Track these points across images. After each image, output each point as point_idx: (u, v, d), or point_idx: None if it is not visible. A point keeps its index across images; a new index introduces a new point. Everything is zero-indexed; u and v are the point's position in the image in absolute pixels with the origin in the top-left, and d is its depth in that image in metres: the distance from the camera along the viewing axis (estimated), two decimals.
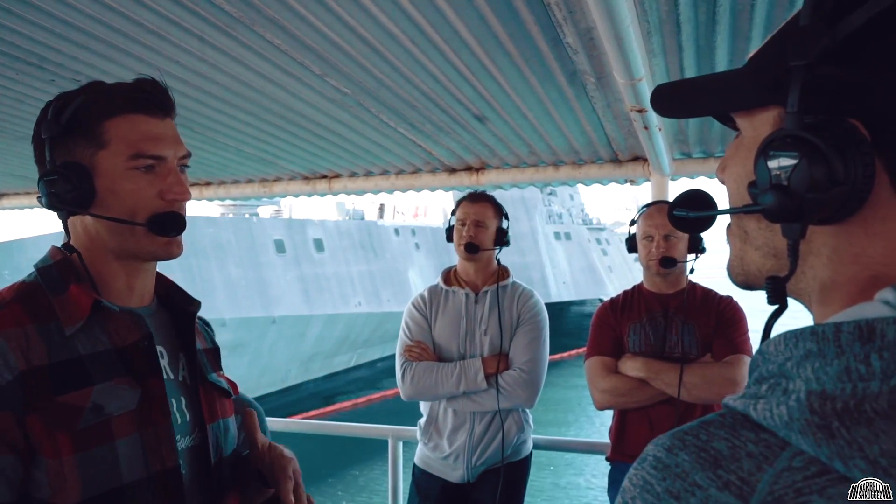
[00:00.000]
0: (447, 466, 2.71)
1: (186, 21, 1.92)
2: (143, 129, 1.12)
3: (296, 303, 21.92)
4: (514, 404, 2.64)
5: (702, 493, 0.46)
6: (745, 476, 0.45)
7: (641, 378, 2.45)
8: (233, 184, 4.33)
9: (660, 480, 0.49)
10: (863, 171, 0.49)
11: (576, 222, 42.48)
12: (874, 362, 0.44)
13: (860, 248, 0.52)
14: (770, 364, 0.51)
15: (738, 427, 0.49)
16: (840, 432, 0.43)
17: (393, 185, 3.93)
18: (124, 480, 1.05)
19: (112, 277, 1.16)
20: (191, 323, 1.26)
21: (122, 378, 1.08)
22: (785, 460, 0.45)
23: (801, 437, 0.44)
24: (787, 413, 0.46)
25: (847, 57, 0.50)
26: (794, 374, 0.48)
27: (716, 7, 1.83)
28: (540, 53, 2.16)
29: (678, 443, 0.50)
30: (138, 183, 1.12)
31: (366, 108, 2.73)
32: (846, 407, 0.43)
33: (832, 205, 0.50)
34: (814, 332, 0.48)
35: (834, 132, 0.49)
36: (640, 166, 3.41)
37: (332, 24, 1.94)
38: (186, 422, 1.19)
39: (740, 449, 0.47)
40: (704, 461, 0.47)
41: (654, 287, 2.63)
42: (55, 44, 2.07)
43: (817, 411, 0.44)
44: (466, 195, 2.83)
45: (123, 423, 1.06)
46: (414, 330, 2.75)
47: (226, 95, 2.57)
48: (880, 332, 0.45)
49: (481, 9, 1.85)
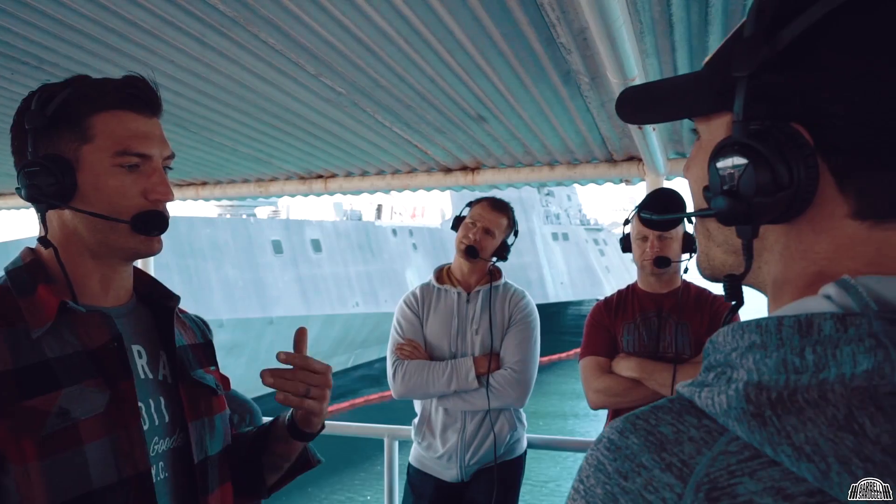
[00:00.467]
0: (441, 466, 2.72)
1: (181, 21, 1.93)
2: (131, 126, 1.11)
3: (293, 303, 21.91)
4: (505, 404, 2.64)
5: (647, 473, 0.49)
6: (686, 458, 0.49)
7: (635, 378, 2.46)
8: (229, 184, 4.33)
9: (611, 461, 0.52)
10: (806, 174, 0.52)
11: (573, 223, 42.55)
12: (808, 356, 0.47)
13: (808, 244, 0.55)
14: (718, 354, 0.54)
15: (683, 413, 0.52)
16: (772, 420, 0.46)
17: (389, 185, 3.94)
18: (94, 486, 1.02)
19: (86, 276, 1.14)
20: (170, 319, 1.23)
21: (92, 380, 1.05)
22: (722, 445, 0.48)
23: (737, 424, 0.48)
24: (727, 402, 0.49)
25: (787, 65, 0.52)
26: (738, 364, 0.51)
27: (708, 7, 1.84)
28: (534, 53, 2.16)
29: (630, 426, 0.53)
30: (122, 180, 1.10)
31: (361, 108, 2.74)
32: (780, 397, 0.46)
33: (779, 207, 0.53)
34: (758, 325, 0.51)
35: (777, 138, 0.52)
36: (634, 166, 3.42)
37: (327, 24, 1.95)
38: (166, 422, 1.15)
39: (683, 433, 0.50)
40: (651, 444, 0.51)
41: (648, 287, 2.64)
42: (50, 43, 2.07)
43: (753, 401, 0.47)
44: (488, 198, 2.79)
45: (92, 427, 1.03)
46: (406, 328, 2.75)
47: (221, 95, 2.58)
48: (818, 326, 0.48)
49: (475, 9, 1.86)
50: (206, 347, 1.36)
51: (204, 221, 20.79)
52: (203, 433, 1.21)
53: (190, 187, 4.40)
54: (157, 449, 1.13)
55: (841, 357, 0.46)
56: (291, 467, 1.36)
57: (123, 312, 1.18)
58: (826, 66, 0.51)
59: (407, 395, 2.69)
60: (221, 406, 1.31)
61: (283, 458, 1.33)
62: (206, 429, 1.22)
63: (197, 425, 1.19)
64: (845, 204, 0.53)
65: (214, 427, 1.25)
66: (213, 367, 1.35)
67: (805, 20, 0.51)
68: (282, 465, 1.34)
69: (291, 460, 1.34)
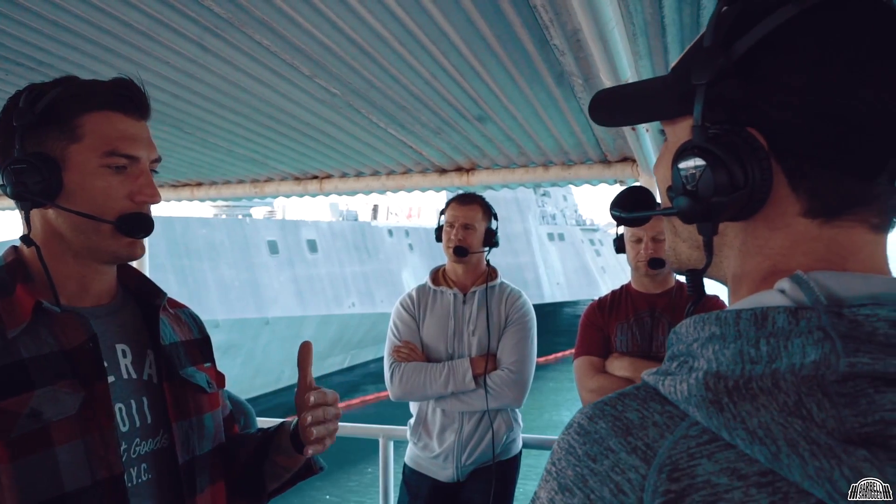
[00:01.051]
0: (436, 466, 2.72)
1: (175, 22, 1.93)
2: (120, 127, 1.11)
3: (289, 304, 21.91)
4: (502, 404, 2.65)
5: (613, 456, 0.53)
6: (650, 442, 0.52)
7: (628, 377, 2.47)
8: (224, 184, 4.33)
9: (581, 444, 0.56)
10: (760, 175, 0.55)
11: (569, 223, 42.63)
12: (762, 346, 0.51)
13: (763, 240, 0.59)
14: (681, 344, 0.58)
15: (648, 399, 0.56)
16: (728, 407, 0.49)
17: (384, 186, 3.94)
18: (66, 489, 1.00)
19: (67, 277, 1.12)
20: (156, 316, 1.21)
21: (66, 381, 1.04)
22: (683, 429, 0.52)
23: (697, 410, 0.51)
24: (688, 389, 0.52)
25: (742, 74, 0.56)
26: (699, 354, 0.55)
27: (699, 10, 1.85)
28: (528, 55, 2.17)
29: (598, 412, 0.57)
30: (109, 181, 1.09)
31: (355, 109, 2.74)
32: (736, 385, 0.50)
33: (735, 206, 0.57)
34: (717, 318, 0.55)
35: (733, 141, 0.56)
36: (628, 167, 3.43)
37: (321, 25, 1.96)
38: (149, 423, 1.14)
39: (648, 419, 0.54)
40: (618, 428, 0.54)
41: (641, 287, 2.65)
42: (45, 44, 2.07)
43: (711, 388, 0.50)
44: (455, 196, 2.85)
45: (63, 428, 1.01)
46: (402, 330, 2.76)
47: (216, 96, 2.58)
48: (772, 319, 0.52)
49: (468, 10, 1.86)
50: (201, 343, 1.34)
51: (200, 222, 20.78)
52: (190, 433, 1.19)
53: (185, 188, 4.40)
54: (139, 451, 1.11)
55: (792, 348, 0.50)
56: (296, 474, 1.35)
57: (106, 312, 1.17)
58: (776, 76, 0.55)
59: (405, 397, 2.70)
60: (213, 404, 1.29)
61: (285, 469, 1.31)
62: (194, 428, 1.20)
63: (183, 425, 1.17)
64: (797, 203, 0.57)
65: (203, 426, 1.23)
66: (207, 363, 1.33)
67: (756, 33, 0.55)
68: (283, 475, 1.33)
69: (294, 470, 1.32)
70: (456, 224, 2.72)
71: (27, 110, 1.07)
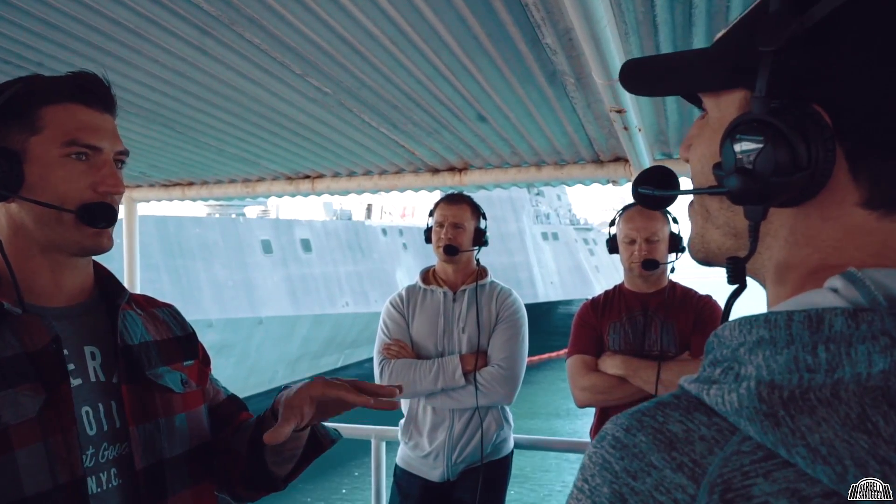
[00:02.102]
0: (427, 465, 2.72)
1: (165, 20, 1.92)
2: (80, 118, 1.10)
3: (283, 303, 21.86)
4: (493, 401, 2.65)
5: (657, 474, 0.48)
6: (698, 458, 0.47)
7: (620, 376, 2.47)
8: (216, 184, 4.31)
9: (618, 459, 0.50)
10: (824, 157, 0.51)
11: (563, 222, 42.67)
12: (820, 353, 0.46)
13: (815, 231, 0.54)
14: (724, 348, 0.53)
15: (692, 410, 0.51)
16: (785, 420, 0.45)
17: (376, 186, 3.93)
18: (26, 493, 0.98)
19: (36, 273, 1.11)
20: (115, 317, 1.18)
21: (28, 384, 1.02)
22: (734, 444, 0.47)
23: (750, 424, 0.46)
24: (738, 400, 0.47)
25: (814, 44, 0.51)
26: (746, 360, 0.50)
27: (692, 9, 1.85)
28: (519, 54, 2.17)
29: (636, 423, 0.51)
30: (70, 171, 1.08)
31: (347, 108, 2.73)
32: (792, 396, 0.45)
33: (795, 188, 0.52)
34: (767, 320, 0.50)
35: (798, 117, 0.51)
36: (621, 167, 3.43)
37: (311, 24, 1.95)
38: (116, 427, 1.12)
39: (694, 432, 0.49)
40: (660, 442, 0.49)
41: (634, 287, 2.65)
42: (33, 42, 2.06)
43: (766, 400, 0.46)
44: (443, 197, 2.85)
45: (23, 432, 0.99)
46: (392, 328, 2.76)
47: (207, 95, 2.57)
48: (828, 322, 0.47)
49: (460, 9, 1.86)
50: (182, 341, 1.31)
51: (193, 221, 20.71)
52: (155, 436, 1.16)
53: (176, 187, 4.38)
54: (108, 455, 1.09)
55: (856, 356, 0.45)
56: (304, 453, 1.30)
57: (78, 312, 1.15)
58: (853, 49, 0.50)
59: None
60: (190, 404, 1.25)
61: (290, 450, 1.26)
62: (162, 431, 1.17)
63: (147, 428, 1.14)
64: (856, 191, 0.52)
65: (173, 428, 1.19)
66: (189, 361, 1.30)
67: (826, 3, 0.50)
68: (293, 454, 1.28)
69: (301, 447, 1.28)
70: (445, 223, 2.73)
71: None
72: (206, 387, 1.34)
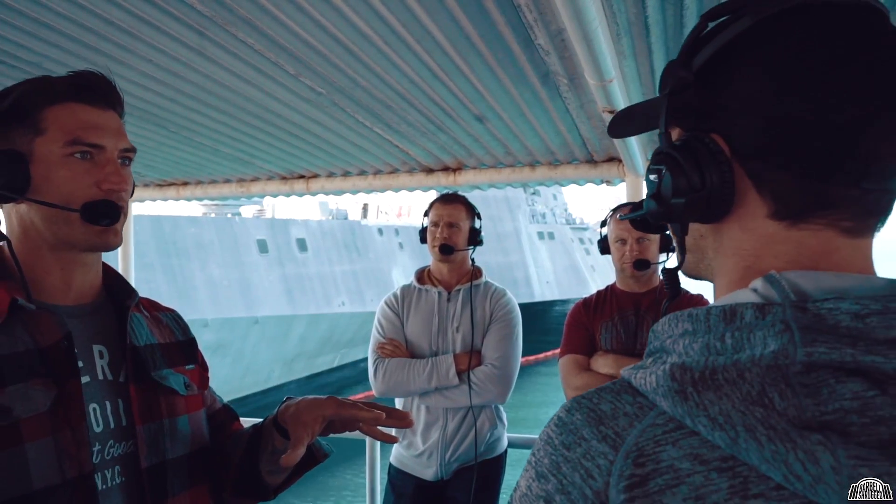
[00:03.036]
0: (420, 464, 2.72)
1: (158, 20, 1.92)
2: (82, 117, 1.10)
3: (279, 303, 21.83)
4: (486, 400, 2.65)
5: (586, 444, 0.56)
6: (619, 430, 0.55)
7: (612, 375, 2.48)
8: (210, 184, 4.32)
9: (558, 434, 0.59)
10: (719, 178, 0.59)
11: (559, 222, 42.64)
12: (727, 339, 0.53)
13: (737, 242, 0.61)
14: (657, 341, 0.61)
15: (622, 392, 0.59)
16: (692, 396, 0.52)
17: (371, 186, 3.94)
18: (35, 487, 0.99)
19: (46, 272, 1.12)
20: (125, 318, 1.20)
21: (39, 379, 1.03)
22: (650, 418, 0.55)
23: (663, 400, 0.54)
24: (656, 380, 0.55)
25: (702, 83, 0.60)
26: (671, 349, 0.57)
27: (683, 10, 1.86)
28: (512, 54, 2.17)
29: (576, 405, 0.60)
30: (74, 170, 1.09)
31: (341, 108, 2.74)
32: (702, 376, 0.52)
33: (695, 208, 0.60)
34: (690, 315, 0.57)
35: (693, 147, 0.60)
36: (615, 167, 3.45)
37: (305, 24, 1.95)
38: (123, 426, 1.13)
39: (619, 409, 0.57)
40: (592, 419, 0.57)
41: (626, 287, 2.66)
42: (27, 42, 2.06)
43: (677, 379, 0.53)
44: (438, 197, 2.86)
45: (34, 426, 1.00)
46: (386, 327, 2.77)
47: (200, 95, 2.57)
48: (740, 314, 0.54)
49: (452, 9, 1.86)
50: (184, 346, 1.33)
51: (188, 221, 20.67)
52: (159, 436, 1.17)
53: (170, 187, 4.38)
54: (113, 453, 1.10)
55: (754, 340, 0.52)
56: (297, 466, 1.28)
57: (87, 311, 1.16)
58: (731, 84, 0.59)
59: (388, 392, 2.70)
60: (192, 407, 1.26)
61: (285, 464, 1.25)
62: (165, 431, 1.18)
63: (152, 428, 1.16)
64: (764, 205, 0.59)
65: (176, 429, 1.20)
66: (190, 365, 1.31)
67: (714, 45, 0.59)
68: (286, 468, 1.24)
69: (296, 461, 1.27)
70: (441, 223, 2.74)
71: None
72: (205, 391, 1.35)
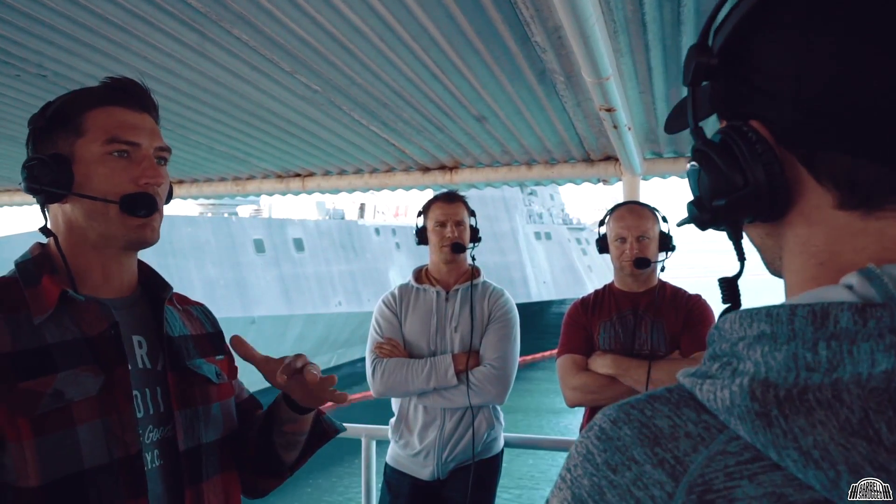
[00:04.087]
0: (417, 464, 2.71)
1: (153, 16, 1.91)
2: (119, 118, 1.19)
3: (275, 303, 21.81)
4: (485, 401, 2.64)
5: (637, 468, 0.47)
6: (680, 455, 0.46)
7: (611, 375, 2.47)
8: (205, 182, 4.30)
9: (601, 451, 0.49)
10: (764, 171, 0.50)
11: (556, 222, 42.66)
12: (821, 351, 0.43)
13: (805, 238, 0.52)
14: (724, 342, 0.50)
15: (681, 405, 0.49)
16: (778, 421, 0.42)
17: (367, 184, 3.93)
18: (85, 465, 1.07)
19: (89, 268, 1.20)
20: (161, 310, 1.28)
21: (88, 366, 1.11)
22: (720, 443, 0.45)
23: (740, 423, 0.44)
24: (730, 397, 0.45)
25: (731, 69, 0.53)
26: (745, 356, 0.47)
27: (680, 7, 1.85)
28: (509, 52, 2.16)
29: (623, 416, 0.50)
30: (112, 167, 1.17)
31: (337, 106, 2.72)
32: (789, 395, 0.42)
33: (742, 208, 0.52)
34: (769, 313, 0.47)
35: (729, 139, 0.52)
36: (612, 166, 3.44)
37: (300, 21, 1.94)
38: (161, 412, 1.21)
39: (680, 428, 0.47)
40: (645, 437, 0.48)
41: (624, 286, 2.65)
42: (21, 39, 2.04)
43: (758, 398, 0.43)
44: (440, 196, 2.83)
45: (84, 409, 1.09)
46: (384, 327, 2.75)
47: (195, 92, 2.56)
48: (834, 317, 0.44)
49: (449, 6, 1.85)
50: (213, 337, 1.42)
51: (185, 220, 20.63)
52: (195, 421, 1.25)
53: None
54: (152, 437, 1.18)
55: (858, 354, 0.42)
56: (308, 441, 1.39)
57: (127, 304, 1.25)
58: (760, 63, 0.51)
59: (386, 393, 2.69)
60: (223, 394, 1.35)
61: (295, 435, 1.35)
62: (200, 417, 1.26)
63: (187, 413, 1.24)
64: (828, 195, 0.50)
65: (210, 415, 1.29)
66: (220, 356, 1.40)
67: (731, 22, 0.52)
68: (297, 441, 1.37)
69: (305, 434, 1.37)
70: (448, 222, 2.72)
71: (40, 116, 1.20)
72: (235, 380, 1.44)
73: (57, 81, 2.37)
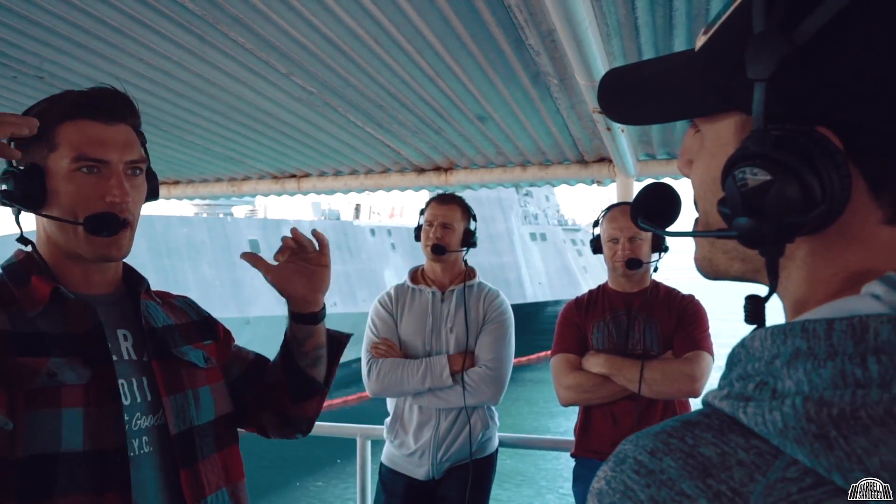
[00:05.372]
0: (412, 463, 2.73)
1: (149, 19, 1.92)
2: (87, 133, 1.18)
3: (270, 303, 21.73)
4: (480, 401, 2.66)
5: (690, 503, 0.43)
6: (737, 486, 0.42)
7: (604, 374, 2.49)
8: (201, 183, 4.31)
9: (643, 487, 0.45)
10: (840, 185, 0.45)
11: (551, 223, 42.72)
12: (871, 366, 0.41)
13: (837, 252, 0.49)
14: (755, 361, 0.47)
15: (726, 431, 0.45)
16: (838, 442, 0.39)
17: (362, 185, 3.94)
18: (61, 449, 1.09)
19: (70, 271, 1.23)
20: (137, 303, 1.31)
21: (77, 358, 1.15)
22: (779, 470, 0.42)
23: (797, 447, 0.41)
24: (782, 420, 0.42)
25: (811, 61, 0.46)
26: (784, 375, 0.44)
27: (672, 11, 1.87)
28: (503, 55, 2.18)
29: (662, 446, 0.46)
30: (80, 184, 1.17)
31: (332, 108, 2.74)
32: (843, 414, 0.40)
33: (813, 225, 0.47)
34: (804, 329, 0.44)
35: (805, 146, 0.46)
36: (605, 167, 3.46)
37: (295, 23, 1.95)
38: (148, 400, 1.23)
39: (730, 456, 0.44)
40: (692, 468, 0.44)
41: (618, 286, 2.67)
42: (17, 40, 2.05)
43: (814, 419, 0.40)
44: (435, 196, 2.85)
45: (72, 395, 1.11)
46: (380, 327, 2.76)
47: (191, 93, 2.57)
48: (874, 330, 0.42)
49: (443, 9, 1.87)
50: (199, 325, 1.45)
51: (180, 220, 20.62)
52: (185, 405, 1.28)
53: (161, 186, 4.33)
54: (141, 424, 1.21)
55: None
56: (329, 353, 1.50)
57: (113, 300, 1.28)
58: (856, 61, 0.45)
59: (382, 392, 2.70)
60: (213, 378, 1.38)
61: (317, 350, 1.46)
62: (189, 401, 1.29)
63: (177, 399, 1.27)
64: (879, 210, 0.47)
65: (199, 398, 1.32)
66: (208, 341, 1.44)
67: (828, 9, 0.45)
68: (320, 355, 1.47)
69: (324, 346, 1.48)
70: (435, 223, 2.74)
71: None
72: (226, 363, 1.47)
73: (54, 83, 2.38)
